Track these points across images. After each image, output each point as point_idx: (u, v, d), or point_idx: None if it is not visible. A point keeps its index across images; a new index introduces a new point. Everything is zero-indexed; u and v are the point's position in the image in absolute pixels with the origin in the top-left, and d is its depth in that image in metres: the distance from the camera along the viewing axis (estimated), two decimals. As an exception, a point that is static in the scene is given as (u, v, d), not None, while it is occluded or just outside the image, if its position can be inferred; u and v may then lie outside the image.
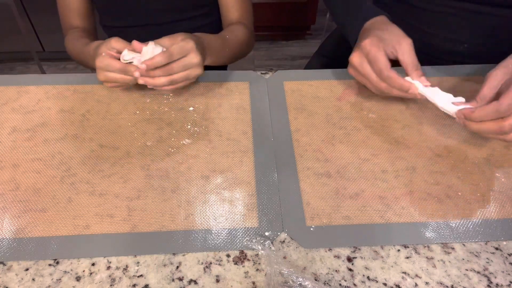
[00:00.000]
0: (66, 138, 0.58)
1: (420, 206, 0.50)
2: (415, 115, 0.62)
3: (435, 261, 0.45)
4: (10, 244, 0.46)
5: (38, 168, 0.54)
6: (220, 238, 0.47)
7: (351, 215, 0.49)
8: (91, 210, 0.49)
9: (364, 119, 0.62)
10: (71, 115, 0.62)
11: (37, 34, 1.97)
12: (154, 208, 0.50)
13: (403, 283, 0.43)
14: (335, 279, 0.44)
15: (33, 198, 0.50)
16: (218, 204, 0.50)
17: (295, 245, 0.47)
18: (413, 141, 0.58)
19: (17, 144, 0.57)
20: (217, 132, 0.59)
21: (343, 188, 0.52)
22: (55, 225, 0.48)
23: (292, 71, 0.71)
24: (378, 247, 0.47)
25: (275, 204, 0.51)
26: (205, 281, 0.43)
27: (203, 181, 0.53)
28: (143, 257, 0.46)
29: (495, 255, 0.46)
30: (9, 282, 0.43)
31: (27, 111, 0.62)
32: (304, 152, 0.57)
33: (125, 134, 0.59)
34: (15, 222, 0.48)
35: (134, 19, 0.85)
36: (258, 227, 0.48)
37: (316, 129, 0.60)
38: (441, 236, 0.47)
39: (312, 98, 0.65)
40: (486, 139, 0.58)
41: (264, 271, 0.44)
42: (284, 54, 2.24)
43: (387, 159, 0.56)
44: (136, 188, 0.52)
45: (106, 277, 0.44)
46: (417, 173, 0.54)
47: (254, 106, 0.64)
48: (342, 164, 0.55)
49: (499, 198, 0.51)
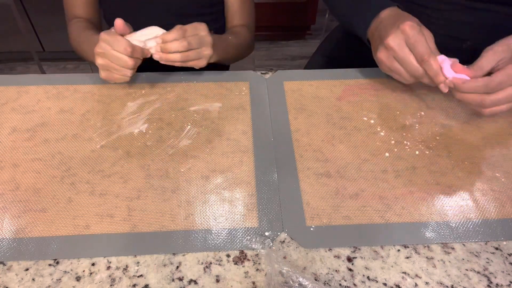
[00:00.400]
0: (66, 138, 0.58)
1: (420, 206, 0.50)
2: (415, 114, 0.62)
3: (435, 261, 0.45)
4: (10, 244, 0.46)
5: (38, 168, 0.54)
6: (220, 238, 0.47)
7: (351, 215, 0.49)
8: (91, 210, 0.49)
9: (364, 119, 0.62)
10: (71, 115, 0.62)
11: (37, 34, 1.97)
12: (154, 208, 0.50)
13: (403, 283, 0.43)
14: (335, 279, 0.44)
15: (33, 198, 0.50)
16: (218, 204, 0.50)
17: (295, 245, 0.47)
18: (413, 141, 0.58)
19: (17, 144, 0.57)
20: (217, 132, 0.59)
21: (343, 188, 0.52)
22: (55, 225, 0.48)
23: (292, 71, 0.71)
24: (378, 247, 0.47)
25: (275, 204, 0.51)
26: (205, 281, 0.43)
27: (203, 181, 0.53)
28: (143, 257, 0.46)
29: (495, 255, 0.46)
30: (9, 282, 0.43)
31: (27, 111, 0.62)
32: (304, 152, 0.57)
33: (125, 134, 0.59)
34: (15, 222, 0.48)
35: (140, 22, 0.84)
36: (258, 227, 0.48)
37: (316, 129, 0.60)
38: (441, 236, 0.47)
39: (312, 98, 0.65)
40: (486, 139, 0.58)
41: (264, 271, 0.44)
42: (284, 54, 2.24)
43: (387, 159, 0.56)
44: (136, 188, 0.52)
45: (106, 277, 0.44)
46: (417, 173, 0.54)
47: (254, 106, 0.64)
48: (342, 164, 0.55)
49: (499, 198, 0.51)
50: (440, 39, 0.56)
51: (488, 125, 0.61)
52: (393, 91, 0.66)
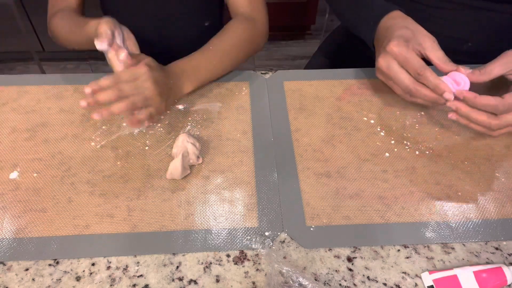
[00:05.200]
0: (66, 138, 0.58)
1: (420, 206, 0.50)
2: (415, 115, 0.62)
3: (435, 261, 0.45)
4: (10, 244, 0.46)
5: (38, 168, 0.54)
6: (220, 238, 0.47)
7: (351, 215, 0.49)
8: (91, 210, 0.49)
9: (364, 119, 0.62)
10: (71, 115, 0.61)
11: (37, 34, 1.97)
12: (154, 208, 0.50)
13: (403, 283, 0.43)
14: (335, 279, 0.44)
15: (33, 198, 0.50)
16: (218, 204, 0.50)
17: (295, 245, 0.47)
18: (413, 141, 0.58)
19: (17, 144, 0.57)
20: (217, 132, 0.59)
21: (343, 188, 0.52)
22: (55, 225, 0.48)
23: (292, 71, 0.71)
24: (378, 247, 0.47)
25: (275, 204, 0.51)
26: (205, 281, 0.43)
27: (203, 181, 0.53)
28: (143, 257, 0.46)
29: (495, 255, 0.46)
30: (9, 282, 0.43)
31: (27, 111, 0.62)
32: (304, 152, 0.57)
33: (125, 134, 0.59)
34: (15, 222, 0.48)
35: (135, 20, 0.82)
36: (258, 227, 0.48)
37: (316, 129, 0.60)
38: (441, 236, 0.47)
39: (312, 98, 0.65)
40: (486, 139, 0.58)
41: (264, 271, 0.44)
42: (284, 54, 2.24)
43: (387, 159, 0.56)
44: (136, 188, 0.52)
45: (106, 277, 0.44)
46: (417, 173, 0.54)
47: (254, 106, 0.64)
48: (342, 164, 0.55)
49: (499, 198, 0.51)
50: (440, 40, 0.56)
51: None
52: (393, 91, 0.66)
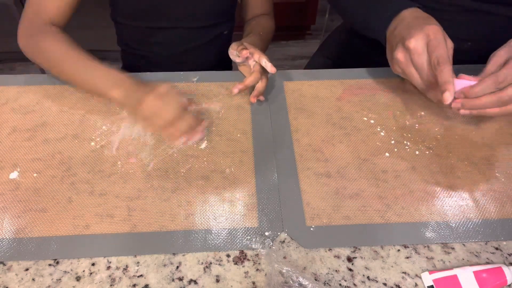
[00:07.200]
0: (66, 138, 0.58)
1: (420, 206, 0.50)
2: (415, 114, 0.62)
3: (435, 261, 0.45)
4: (10, 244, 0.46)
5: (38, 168, 0.54)
6: (220, 238, 0.47)
7: (351, 215, 0.49)
8: (91, 210, 0.49)
9: (364, 119, 0.62)
10: (71, 115, 0.61)
11: (37, 34, 1.97)
12: (154, 208, 0.50)
13: (403, 283, 0.43)
14: (335, 279, 0.44)
15: (33, 198, 0.50)
16: (218, 204, 0.50)
17: (295, 245, 0.47)
18: (413, 141, 0.58)
19: (17, 144, 0.57)
20: (217, 132, 0.59)
21: (343, 188, 0.52)
22: (55, 225, 0.48)
23: (292, 71, 0.71)
24: (378, 247, 0.47)
25: (275, 204, 0.51)
26: (205, 281, 0.43)
27: (203, 181, 0.53)
28: (143, 257, 0.46)
29: (495, 255, 0.46)
30: (9, 282, 0.43)
31: (27, 111, 0.62)
32: (304, 152, 0.57)
33: (125, 134, 0.59)
34: (15, 222, 0.48)
35: (154, 21, 0.79)
36: (258, 227, 0.48)
37: (316, 129, 0.60)
38: (441, 236, 0.47)
39: (312, 98, 0.65)
40: (486, 139, 0.58)
41: (264, 271, 0.44)
42: (284, 54, 2.24)
43: (387, 159, 0.56)
44: (136, 188, 0.52)
45: (106, 277, 0.44)
46: (417, 173, 0.54)
47: (254, 106, 0.64)
48: (342, 164, 0.55)
49: (499, 198, 0.51)
50: None
51: (488, 125, 0.61)
52: (393, 91, 0.66)
